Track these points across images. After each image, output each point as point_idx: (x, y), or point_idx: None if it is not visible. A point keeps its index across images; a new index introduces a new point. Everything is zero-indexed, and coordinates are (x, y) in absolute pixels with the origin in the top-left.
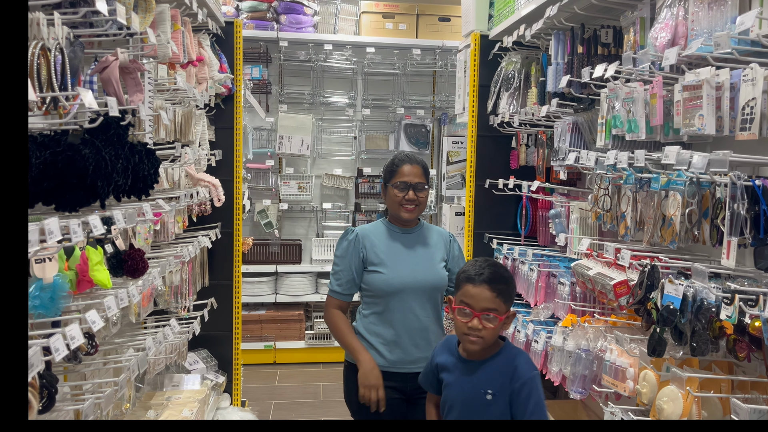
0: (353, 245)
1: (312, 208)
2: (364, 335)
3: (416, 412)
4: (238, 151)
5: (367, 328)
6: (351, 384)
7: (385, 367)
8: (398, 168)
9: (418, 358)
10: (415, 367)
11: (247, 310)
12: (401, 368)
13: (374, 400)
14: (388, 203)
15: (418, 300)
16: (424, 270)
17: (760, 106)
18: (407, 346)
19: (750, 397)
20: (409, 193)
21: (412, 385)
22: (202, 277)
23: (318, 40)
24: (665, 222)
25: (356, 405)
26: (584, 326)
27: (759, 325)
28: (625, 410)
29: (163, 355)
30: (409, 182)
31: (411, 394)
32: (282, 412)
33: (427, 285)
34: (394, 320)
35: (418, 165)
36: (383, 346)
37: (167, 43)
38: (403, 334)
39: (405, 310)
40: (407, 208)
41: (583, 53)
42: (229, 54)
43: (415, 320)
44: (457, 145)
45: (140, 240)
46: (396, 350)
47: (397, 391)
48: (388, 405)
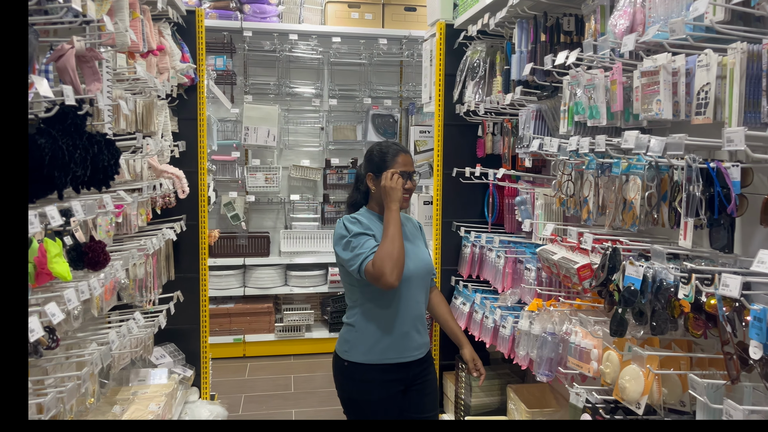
0: (364, 228)
1: (279, 200)
2: (370, 331)
3: (411, 396)
4: (203, 143)
5: (372, 323)
6: (344, 379)
7: (394, 359)
8: (395, 158)
9: (420, 344)
10: (418, 353)
11: (216, 303)
12: (407, 357)
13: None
14: (388, 192)
15: (419, 286)
16: (421, 257)
17: (714, 91)
18: (413, 334)
19: (707, 373)
20: (408, 183)
21: (413, 372)
22: (168, 270)
23: (283, 30)
24: (626, 206)
25: (349, 401)
26: (550, 310)
27: (714, 302)
28: (590, 390)
29: (128, 349)
30: (408, 171)
31: (411, 381)
32: (252, 405)
33: (426, 271)
34: (401, 310)
35: (410, 155)
36: (392, 339)
37: (125, 32)
38: (409, 323)
39: (410, 298)
40: (406, 198)
41: (546, 41)
42: (191, 44)
43: (418, 307)
44: (424, 134)
45: (101, 232)
46: (404, 340)
47: (400, 382)
48: (386, 399)
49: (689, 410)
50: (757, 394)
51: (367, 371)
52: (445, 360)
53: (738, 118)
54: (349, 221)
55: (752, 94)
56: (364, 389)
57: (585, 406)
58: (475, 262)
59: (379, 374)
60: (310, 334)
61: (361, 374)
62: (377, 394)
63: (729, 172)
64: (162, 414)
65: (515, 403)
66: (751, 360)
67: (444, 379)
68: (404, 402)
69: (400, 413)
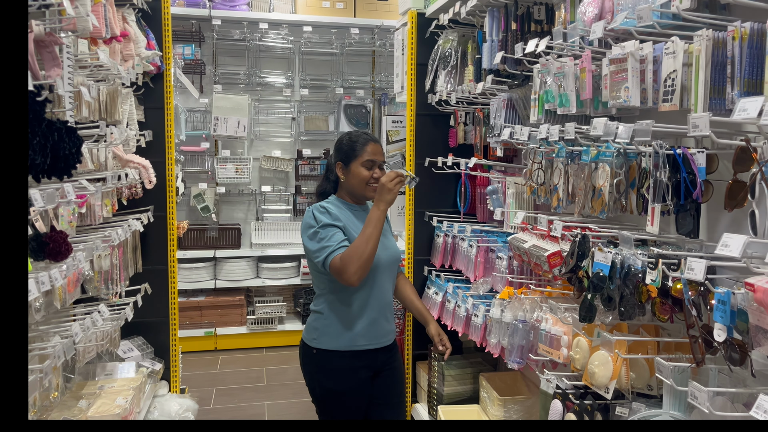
0: (333, 219)
1: (250, 191)
2: (337, 318)
3: (378, 383)
4: (170, 132)
5: (340, 311)
6: (312, 368)
7: (362, 346)
8: (364, 147)
9: (388, 331)
10: (385, 341)
11: (186, 296)
12: (376, 344)
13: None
14: (352, 182)
15: (387, 275)
16: (389, 246)
17: (680, 78)
18: (381, 321)
19: (674, 357)
20: (376, 171)
21: (381, 359)
22: (135, 262)
23: (253, 18)
24: (595, 193)
25: (319, 390)
26: (521, 298)
27: (680, 287)
28: (560, 377)
29: (93, 343)
30: (376, 161)
31: (379, 368)
32: (224, 398)
33: (393, 260)
34: (369, 298)
35: (380, 144)
36: (360, 326)
37: (87, 16)
38: (378, 311)
39: (378, 286)
40: (373, 187)
41: (517, 30)
42: (157, 30)
43: (387, 295)
44: (396, 124)
45: (63, 223)
46: (372, 328)
47: (368, 369)
48: (355, 386)
49: (657, 394)
50: (722, 377)
51: (335, 358)
52: (417, 350)
53: (703, 104)
54: (318, 210)
55: (717, 81)
56: (333, 377)
57: (555, 392)
58: (448, 252)
59: (348, 361)
60: (282, 326)
61: (330, 361)
62: (346, 381)
63: (695, 158)
64: (130, 408)
65: (487, 391)
66: (716, 342)
67: (417, 368)
68: (373, 389)
69: (369, 401)
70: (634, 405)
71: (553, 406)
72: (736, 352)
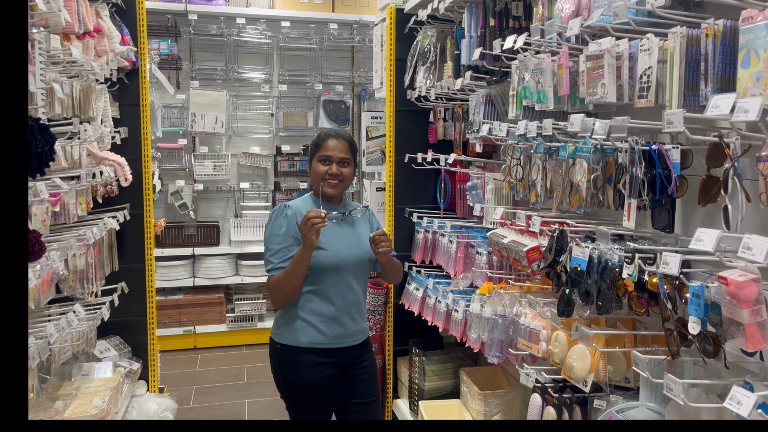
0: (292, 221)
1: (229, 188)
2: (300, 314)
3: (347, 382)
4: (146, 128)
5: (304, 307)
6: (276, 362)
7: (325, 344)
8: (323, 142)
9: (355, 330)
10: (352, 340)
11: (164, 294)
12: (340, 343)
13: (314, 215)
14: (313, 178)
15: (354, 274)
16: (359, 244)
17: (655, 75)
18: (346, 320)
19: (650, 350)
20: (332, 167)
21: (348, 357)
22: (111, 261)
23: (230, 13)
24: (573, 188)
25: (285, 386)
26: (500, 293)
27: (656, 281)
28: (539, 370)
29: (69, 343)
30: (333, 156)
31: (347, 366)
32: (204, 396)
33: (363, 259)
34: (333, 296)
35: (345, 140)
36: (323, 324)
37: (59, 11)
38: (342, 310)
39: (343, 285)
40: (330, 183)
41: (495, 26)
42: (131, 26)
43: (353, 294)
44: (376, 120)
45: (37, 222)
46: (335, 326)
47: (333, 366)
48: (319, 382)
49: (633, 386)
50: (697, 369)
51: (298, 354)
52: (398, 345)
53: (678, 101)
54: (281, 211)
55: (691, 78)
56: (296, 371)
57: (535, 386)
58: (428, 248)
59: (311, 356)
60: (262, 323)
61: (293, 356)
62: (310, 376)
63: (670, 154)
64: (107, 409)
65: (468, 385)
66: (690, 335)
67: (398, 364)
68: (340, 387)
69: (338, 398)
70: (612, 398)
71: (532, 400)
72: (710, 344)
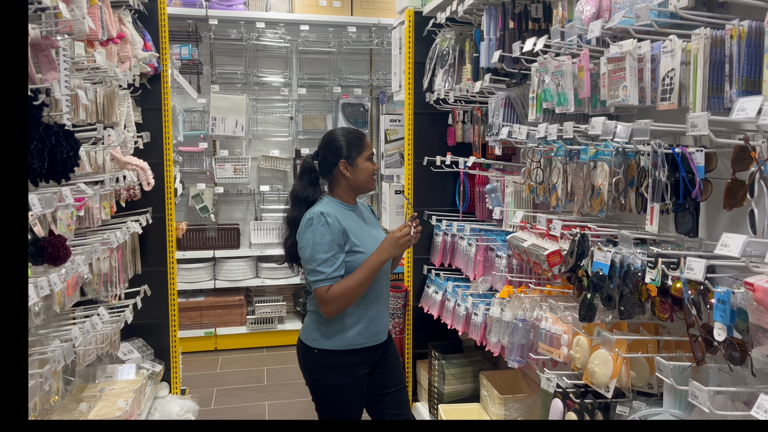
0: (334, 228)
1: (249, 191)
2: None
3: (376, 376)
4: (168, 133)
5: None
6: (312, 367)
7: (361, 344)
8: (364, 141)
9: (386, 326)
10: (382, 336)
11: (185, 297)
12: (374, 341)
13: (407, 231)
14: (360, 177)
15: (385, 271)
16: (380, 241)
17: (678, 77)
18: (378, 319)
19: (674, 356)
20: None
21: (378, 353)
22: (134, 264)
23: (250, 18)
24: (594, 192)
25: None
26: (521, 297)
27: (680, 286)
28: (561, 375)
29: (93, 346)
30: (374, 154)
31: (377, 363)
32: (225, 398)
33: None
34: (369, 296)
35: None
36: (364, 325)
37: (83, 19)
38: (379, 308)
39: (379, 284)
40: (374, 179)
41: (514, 28)
42: (153, 32)
43: (384, 292)
44: (394, 123)
45: (62, 226)
46: (372, 326)
47: (367, 365)
48: (354, 383)
49: (657, 392)
50: (723, 375)
51: (335, 357)
52: (417, 348)
53: (702, 103)
54: (319, 219)
55: (715, 80)
56: (332, 374)
57: (556, 391)
58: (447, 251)
59: (348, 358)
60: (282, 326)
61: (330, 360)
62: (345, 377)
63: (693, 157)
64: (131, 410)
65: (488, 389)
66: (716, 342)
67: (417, 367)
68: (371, 382)
69: (368, 391)
70: (635, 404)
71: (553, 405)
72: (736, 351)
